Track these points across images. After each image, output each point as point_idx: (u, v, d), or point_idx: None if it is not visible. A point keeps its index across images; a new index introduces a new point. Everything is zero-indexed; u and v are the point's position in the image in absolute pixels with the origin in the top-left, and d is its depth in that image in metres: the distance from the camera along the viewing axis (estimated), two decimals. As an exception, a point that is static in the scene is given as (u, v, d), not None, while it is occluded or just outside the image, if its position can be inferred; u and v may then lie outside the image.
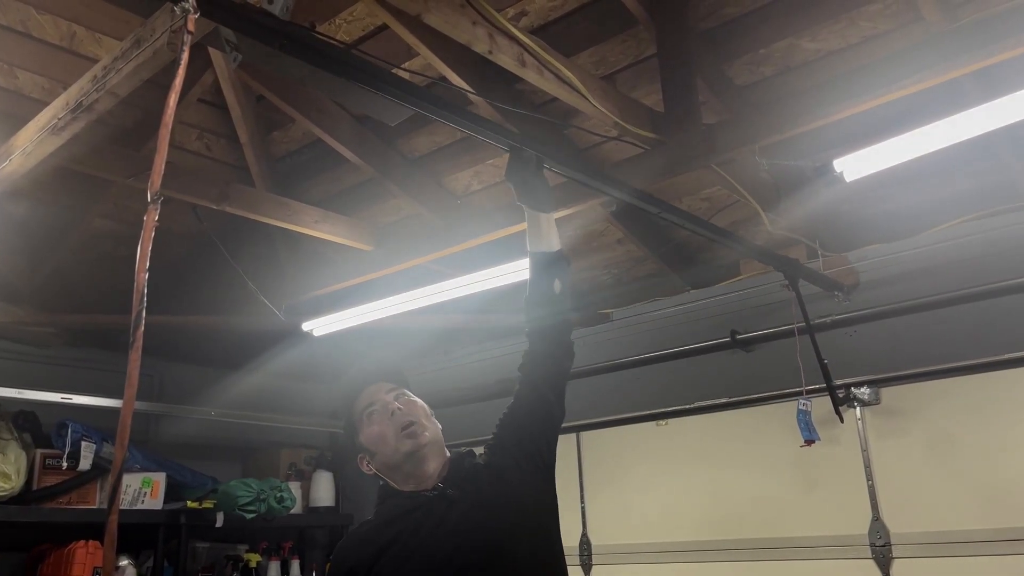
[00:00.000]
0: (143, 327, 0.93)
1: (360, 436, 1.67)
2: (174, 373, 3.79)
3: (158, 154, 0.95)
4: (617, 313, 3.45)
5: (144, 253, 0.98)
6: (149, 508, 3.23)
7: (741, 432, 2.95)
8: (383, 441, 1.63)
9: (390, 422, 1.61)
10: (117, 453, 0.88)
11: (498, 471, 1.63)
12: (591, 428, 3.36)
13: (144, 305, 0.93)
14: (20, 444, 2.99)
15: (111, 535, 0.85)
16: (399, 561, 1.56)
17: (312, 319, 3.04)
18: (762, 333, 2.97)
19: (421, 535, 1.57)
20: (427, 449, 1.62)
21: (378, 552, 1.57)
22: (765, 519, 2.82)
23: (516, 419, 1.70)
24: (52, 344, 3.40)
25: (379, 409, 1.64)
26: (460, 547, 1.54)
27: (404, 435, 1.60)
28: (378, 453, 1.65)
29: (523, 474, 1.63)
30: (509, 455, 1.65)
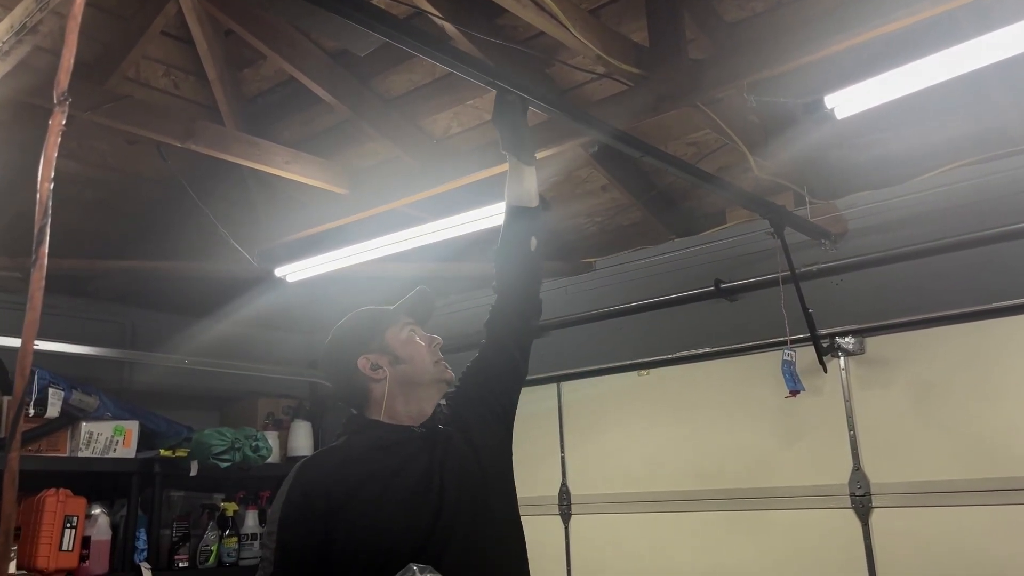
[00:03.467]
0: (47, 245, 0.85)
1: (388, 336, 1.61)
2: (146, 320, 3.71)
3: (66, 49, 0.86)
4: (600, 262, 3.39)
5: (49, 158, 0.89)
6: (122, 456, 3.17)
7: (724, 382, 2.91)
8: (418, 355, 1.60)
9: (430, 346, 1.61)
10: (17, 381, 0.80)
11: (463, 423, 1.62)
12: (572, 378, 3.31)
13: (48, 220, 0.85)
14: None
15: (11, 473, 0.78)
16: (378, 499, 1.50)
17: (285, 265, 2.95)
18: (747, 282, 2.91)
19: (403, 475, 1.53)
20: (449, 386, 1.63)
21: (362, 481, 1.52)
22: (746, 469, 2.79)
23: (481, 374, 1.69)
24: (18, 289, 3.30)
25: (421, 332, 1.63)
26: (443, 490, 1.51)
27: (442, 363, 1.61)
28: (406, 364, 1.60)
29: (487, 427, 1.63)
30: (473, 409, 1.65)
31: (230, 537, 3.40)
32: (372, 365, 1.59)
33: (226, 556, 3.37)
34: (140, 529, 3.14)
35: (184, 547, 3.28)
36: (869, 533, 2.51)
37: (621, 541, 3.03)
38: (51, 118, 0.90)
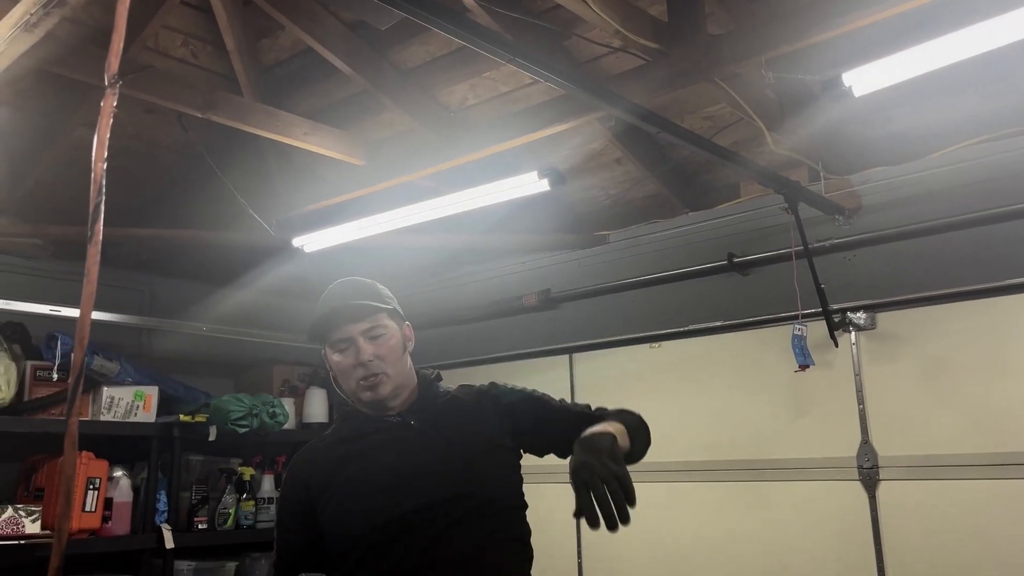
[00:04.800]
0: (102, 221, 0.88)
1: (327, 356, 1.66)
2: (165, 288, 3.76)
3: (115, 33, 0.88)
4: (614, 235, 3.40)
5: (102, 140, 0.91)
6: (142, 421, 3.24)
7: (735, 356, 2.94)
8: (344, 378, 1.64)
9: (355, 366, 1.60)
10: (76, 352, 0.84)
11: (481, 414, 1.68)
12: (584, 350, 3.35)
13: (102, 198, 0.88)
14: (10, 355, 2.98)
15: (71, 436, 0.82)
16: (356, 482, 1.60)
17: (303, 235, 2.98)
18: (760, 257, 2.92)
19: (380, 457, 1.61)
20: (387, 399, 1.63)
21: (334, 469, 1.62)
22: (756, 441, 2.83)
23: (536, 420, 1.72)
24: (39, 257, 3.35)
25: (349, 348, 1.61)
26: (420, 473, 1.57)
27: (364, 385, 1.60)
28: (341, 383, 1.68)
29: (502, 437, 1.67)
30: (504, 422, 1.69)
31: (247, 501, 3.48)
32: (328, 366, 1.68)
33: (243, 519, 3.45)
34: (160, 492, 3.21)
35: (203, 510, 3.35)
36: (876, 505, 2.55)
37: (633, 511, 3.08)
38: (103, 100, 0.92)
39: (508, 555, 1.60)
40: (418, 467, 1.58)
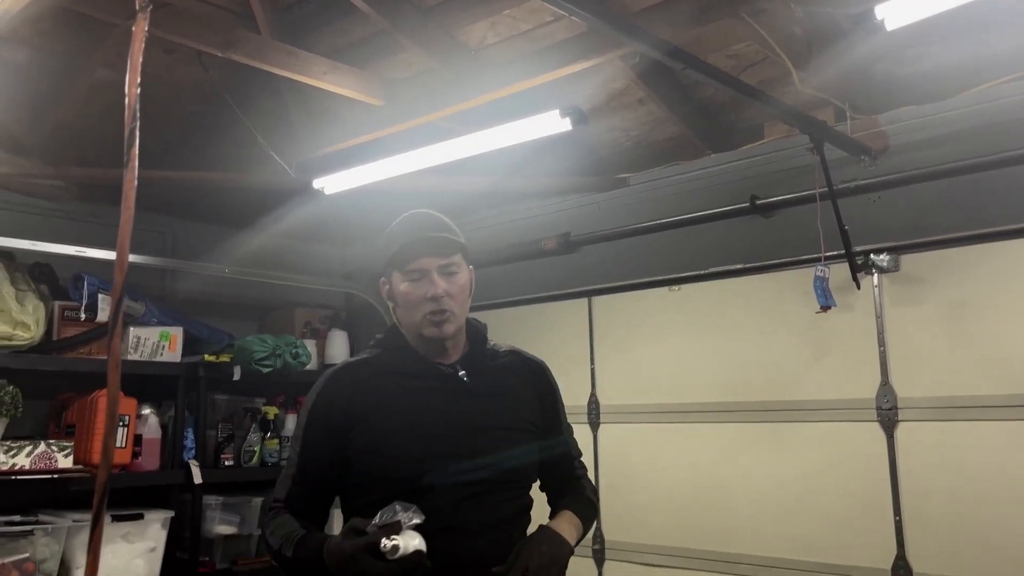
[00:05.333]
0: (137, 146, 0.88)
1: (393, 277, 1.66)
2: (187, 231, 3.79)
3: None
4: (634, 178, 3.37)
5: (135, 65, 0.92)
6: (168, 360, 3.30)
7: (755, 299, 2.94)
8: (409, 309, 1.64)
9: (425, 299, 1.60)
10: (117, 275, 0.85)
11: (527, 392, 1.75)
12: (603, 293, 3.36)
13: (137, 123, 0.88)
14: (37, 295, 3.02)
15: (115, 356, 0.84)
16: (403, 423, 1.60)
17: (322, 176, 2.98)
18: (783, 199, 2.89)
19: (431, 406, 1.62)
20: (448, 339, 1.65)
21: (380, 400, 1.62)
22: (774, 383, 2.84)
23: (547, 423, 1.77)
24: (63, 199, 3.38)
25: (422, 279, 1.61)
26: (464, 434, 1.61)
27: (431, 320, 1.61)
28: (401, 312, 1.67)
29: (536, 423, 1.73)
30: (543, 415, 1.76)
31: (272, 439, 3.56)
32: (387, 292, 1.71)
33: (268, 457, 3.53)
34: (187, 429, 3.29)
35: (229, 447, 3.44)
36: (894, 446, 2.57)
37: (648, 449, 3.13)
38: (135, 25, 0.92)
39: (518, 526, 1.67)
40: (464, 428, 1.61)
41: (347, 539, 1.45)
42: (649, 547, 3.07)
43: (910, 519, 2.52)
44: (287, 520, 1.60)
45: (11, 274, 2.96)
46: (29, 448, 2.78)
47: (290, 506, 1.63)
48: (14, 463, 2.74)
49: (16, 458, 2.74)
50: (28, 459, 2.77)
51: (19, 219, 3.22)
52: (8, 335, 2.87)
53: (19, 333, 2.90)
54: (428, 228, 1.65)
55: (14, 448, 2.75)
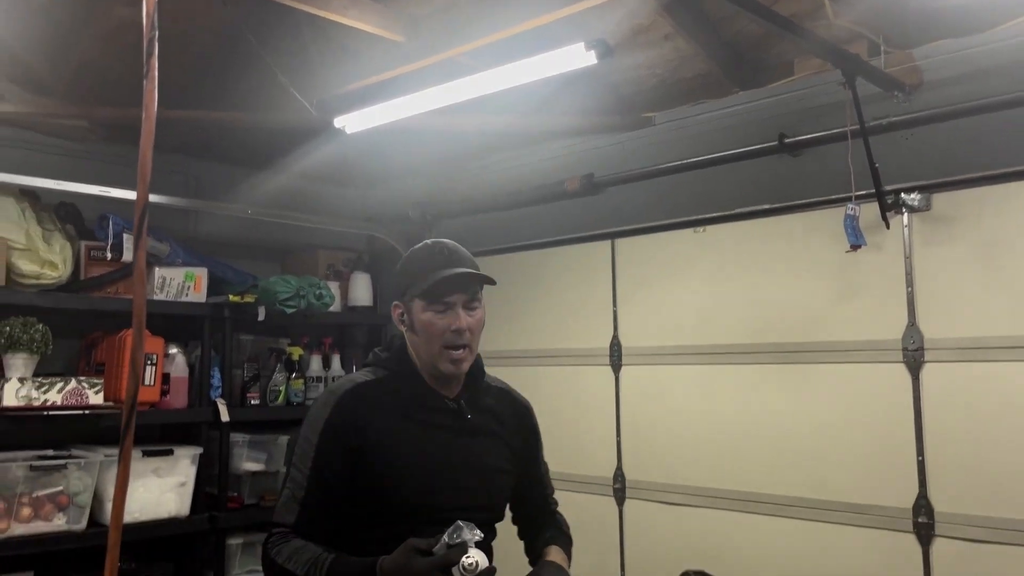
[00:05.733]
0: (156, 56, 0.87)
1: (415, 304, 1.66)
2: (209, 172, 3.79)
3: None
4: (659, 116, 3.31)
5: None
6: (193, 301, 3.33)
7: (781, 239, 2.90)
8: (428, 339, 1.65)
9: (448, 332, 1.63)
10: (140, 189, 0.85)
11: (515, 437, 1.82)
12: (626, 235, 3.33)
13: (156, 33, 0.87)
14: (64, 235, 3.05)
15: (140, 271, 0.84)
16: (413, 454, 1.64)
17: (343, 115, 2.95)
18: (812, 137, 2.83)
19: (438, 440, 1.67)
20: (461, 375, 1.71)
21: (393, 427, 1.64)
22: (799, 324, 2.82)
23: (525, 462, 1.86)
24: (87, 139, 3.38)
25: (447, 312, 1.64)
26: (463, 471, 1.67)
27: (447, 355, 1.64)
28: (417, 338, 1.68)
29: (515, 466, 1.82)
30: (523, 459, 1.84)
31: (297, 379, 3.60)
32: (399, 316, 1.72)
33: (293, 396, 3.59)
34: (214, 368, 3.34)
35: (255, 386, 3.49)
36: (919, 387, 2.55)
37: (670, 391, 3.13)
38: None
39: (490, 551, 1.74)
40: (465, 465, 1.68)
41: (412, 559, 1.43)
42: (669, 486, 3.10)
43: (933, 459, 2.51)
44: (305, 545, 1.55)
45: (37, 214, 2.99)
46: (60, 384, 2.83)
47: (300, 533, 1.57)
48: (46, 399, 2.80)
49: (48, 394, 2.80)
50: (59, 395, 2.83)
51: (43, 159, 3.23)
52: (36, 274, 2.91)
53: (47, 272, 2.93)
54: (461, 263, 1.68)
55: (45, 384, 2.80)
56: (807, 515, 2.74)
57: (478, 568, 1.41)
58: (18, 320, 2.80)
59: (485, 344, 1.73)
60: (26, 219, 2.91)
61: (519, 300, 3.66)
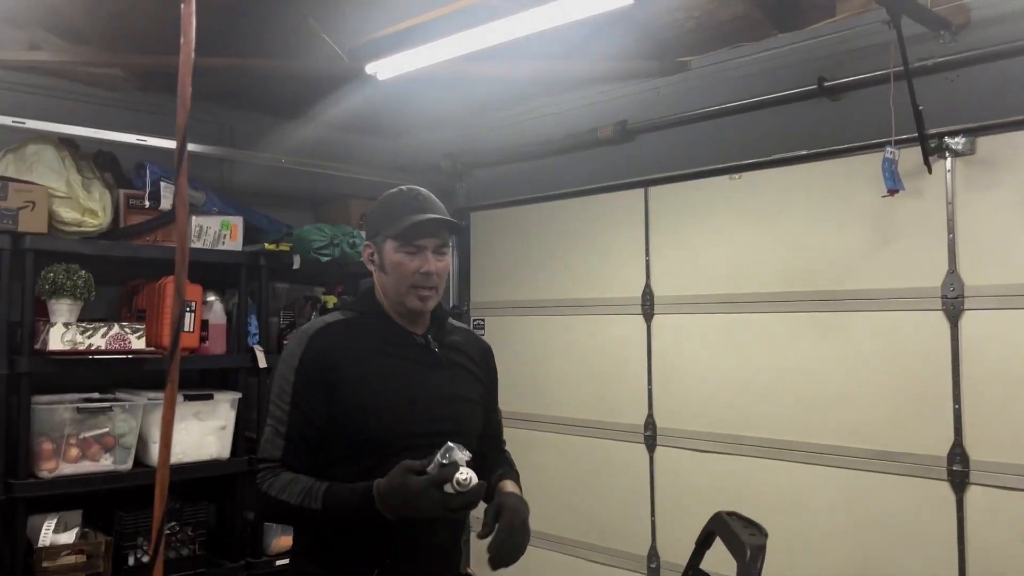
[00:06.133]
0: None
1: (386, 244, 1.73)
2: (243, 121, 3.81)
3: None
4: (696, 61, 3.25)
5: None
6: (230, 249, 3.37)
7: (819, 186, 2.85)
8: (398, 279, 1.72)
9: (415, 274, 1.71)
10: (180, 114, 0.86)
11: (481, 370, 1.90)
12: (660, 183, 3.30)
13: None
14: (103, 183, 3.10)
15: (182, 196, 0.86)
16: (386, 387, 1.70)
17: (375, 61, 2.93)
18: (853, 80, 2.76)
19: (409, 372, 1.74)
20: (425, 314, 1.79)
21: (364, 362, 1.70)
22: (836, 272, 2.79)
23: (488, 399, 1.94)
24: (123, 88, 3.40)
25: (417, 254, 1.71)
26: (435, 400, 1.74)
27: (415, 294, 1.72)
28: (386, 278, 1.75)
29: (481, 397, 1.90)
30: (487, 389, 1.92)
31: (331, 327, 3.65)
32: (369, 255, 1.79)
33: (328, 344, 3.63)
34: (251, 316, 3.40)
35: (290, 333, 3.53)
36: (957, 335, 2.52)
37: (703, 339, 3.13)
38: None
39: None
40: (436, 395, 1.75)
41: (408, 478, 1.49)
42: (700, 434, 3.12)
43: (969, 408, 2.49)
44: (296, 477, 1.61)
45: (76, 162, 3.03)
46: (104, 329, 2.90)
47: (288, 465, 1.63)
48: (90, 343, 2.87)
49: (92, 339, 2.87)
50: (103, 340, 2.90)
51: (81, 108, 3.26)
52: (77, 221, 2.96)
53: (88, 220, 2.98)
54: (434, 210, 1.74)
55: (89, 329, 2.87)
56: (839, 463, 2.75)
57: (471, 483, 1.48)
58: (61, 267, 2.86)
59: (515, 293, 1.78)
60: (66, 167, 2.95)
61: (550, 249, 3.66)
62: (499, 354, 1.99)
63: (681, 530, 3.13)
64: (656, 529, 3.23)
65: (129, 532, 3.01)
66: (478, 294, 4.00)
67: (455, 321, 1.93)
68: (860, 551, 2.67)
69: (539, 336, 3.69)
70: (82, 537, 2.95)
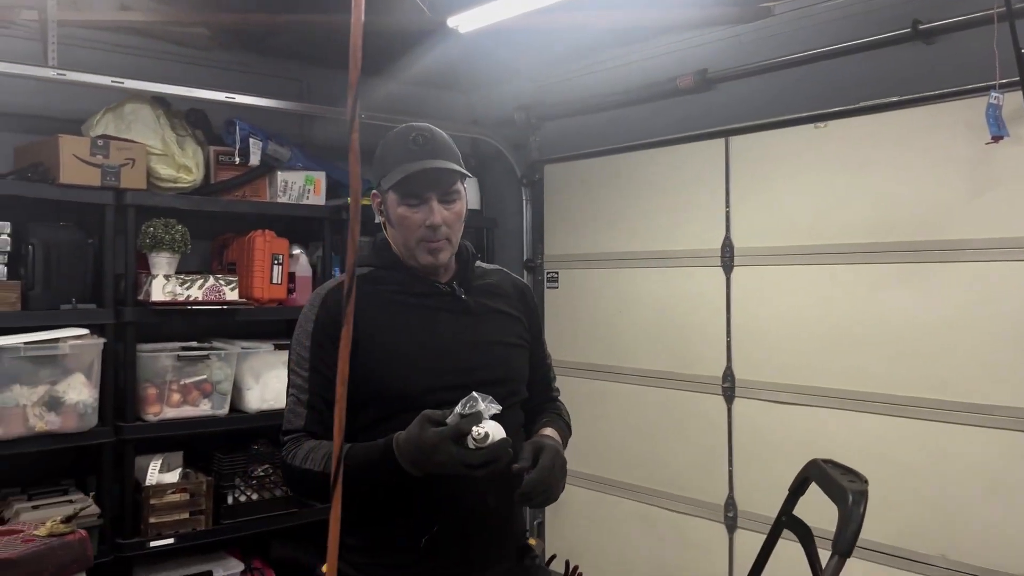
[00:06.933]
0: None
1: (389, 196, 1.61)
2: (319, 78, 3.86)
3: None
4: (779, 6, 3.16)
5: None
6: (313, 204, 3.46)
7: (909, 134, 2.78)
8: (404, 233, 1.61)
9: (421, 227, 1.58)
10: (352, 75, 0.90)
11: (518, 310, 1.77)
12: (742, 132, 3.25)
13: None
14: (195, 140, 3.20)
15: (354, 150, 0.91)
16: (411, 339, 1.59)
17: (458, 14, 2.94)
18: (951, 22, 2.66)
19: (436, 322, 1.62)
20: (440, 267, 1.65)
21: (385, 316, 1.59)
22: (925, 222, 2.73)
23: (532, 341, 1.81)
24: (208, 47, 3.48)
25: (421, 206, 1.58)
26: (468, 349, 1.63)
27: (424, 248, 1.59)
28: (395, 234, 1.65)
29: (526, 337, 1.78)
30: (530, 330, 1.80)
31: (410, 279, 3.73)
32: (378, 206, 1.67)
33: (408, 296, 3.72)
34: (335, 268, 3.50)
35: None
36: (1056, 285, 2.46)
37: (784, 291, 3.11)
38: None
39: (517, 420, 1.70)
40: (468, 343, 1.63)
41: (425, 429, 1.39)
42: (781, 385, 3.12)
43: (1066, 360, 2.44)
44: (318, 443, 1.52)
45: (170, 120, 3.13)
46: (201, 281, 3.03)
47: (311, 433, 1.55)
48: (188, 294, 3.00)
49: (190, 290, 3.00)
50: (200, 291, 3.03)
51: (170, 67, 3.36)
52: (173, 177, 3.07)
53: (183, 176, 3.10)
54: (436, 154, 1.60)
55: (187, 281, 3.00)
56: (924, 415, 2.72)
57: (489, 439, 1.36)
58: (160, 221, 2.98)
59: (592, 246, 1.71)
60: (161, 125, 3.06)
61: (626, 202, 3.66)
62: (573, 307, 1.95)
63: (759, 480, 3.16)
64: (734, 479, 3.26)
65: (227, 473, 3.17)
66: (552, 247, 4.03)
67: (485, 264, 1.81)
68: (948, 505, 2.66)
69: (614, 289, 3.71)
70: (184, 477, 3.13)
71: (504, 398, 1.55)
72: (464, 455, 1.36)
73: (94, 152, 2.85)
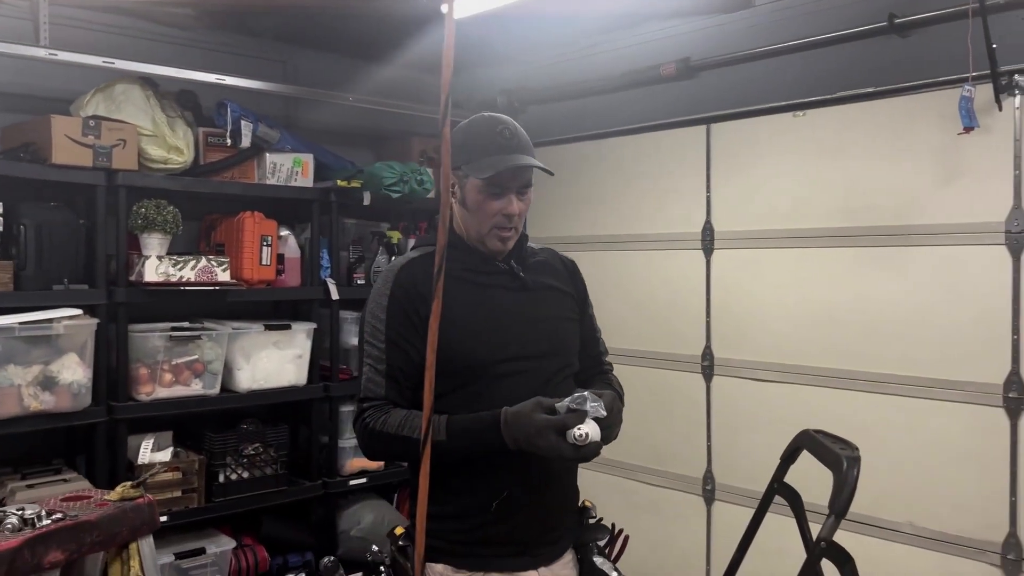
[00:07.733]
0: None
1: (469, 179, 1.67)
2: (306, 60, 3.87)
3: None
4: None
5: None
6: (302, 185, 3.49)
7: (884, 123, 2.90)
8: (479, 218, 1.69)
9: (498, 214, 1.67)
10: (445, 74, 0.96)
11: (569, 286, 1.86)
12: (722, 120, 3.35)
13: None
14: (185, 122, 3.20)
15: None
16: (478, 314, 1.69)
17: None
18: (926, 16, 2.79)
19: (499, 297, 1.72)
20: (503, 253, 1.75)
21: (451, 292, 1.60)
22: (898, 207, 2.86)
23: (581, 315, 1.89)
24: (194, 27, 3.47)
25: (502, 195, 1.67)
26: (529, 322, 1.72)
27: (496, 234, 1.69)
28: (467, 213, 1.72)
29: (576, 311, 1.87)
30: (579, 304, 1.88)
31: (396, 261, 3.79)
32: (453, 184, 1.71)
33: (394, 277, 3.77)
34: (323, 250, 3.54)
35: (360, 267, 3.68)
36: (1020, 268, 2.60)
37: (762, 274, 3.23)
38: None
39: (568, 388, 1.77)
40: (526, 318, 1.72)
41: (536, 412, 1.50)
42: (758, 363, 3.24)
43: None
44: (409, 412, 1.61)
45: (160, 101, 3.13)
46: (193, 262, 3.05)
47: (393, 402, 1.63)
48: (181, 275, 3.02)
49: (183, 271, 3.02)
50: (193, 272, 3.05)
51: (158, 48, 3.35)
52: (164, 159, 3.08)
53: (173, 157, 3.10)
54: (522, 149, 1.68)
55: (180, 262, 3.02)
56: (896, 391, 2.87)
57: (587, 439, 1.46)
58: (151, 202, 2.99)
59: (576, 229, 1.78)
60: (151, 106, 3.06)
61: (609, 186, 3.75)
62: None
63: (736, 454, 3.30)
64: (712, 453, 3.39)
65: (218, 451, 3.21)
66: (535, 229, 4.10)
67: (535, 244, 1.90)
68: (917, 475, 2.81)
69: (597, 271, 3.77)
70: (176, 456, 3.16)
71: (558, 371, 1.69)
72: (562, 448, 1.48)
73: (86, 132, 2.85)
